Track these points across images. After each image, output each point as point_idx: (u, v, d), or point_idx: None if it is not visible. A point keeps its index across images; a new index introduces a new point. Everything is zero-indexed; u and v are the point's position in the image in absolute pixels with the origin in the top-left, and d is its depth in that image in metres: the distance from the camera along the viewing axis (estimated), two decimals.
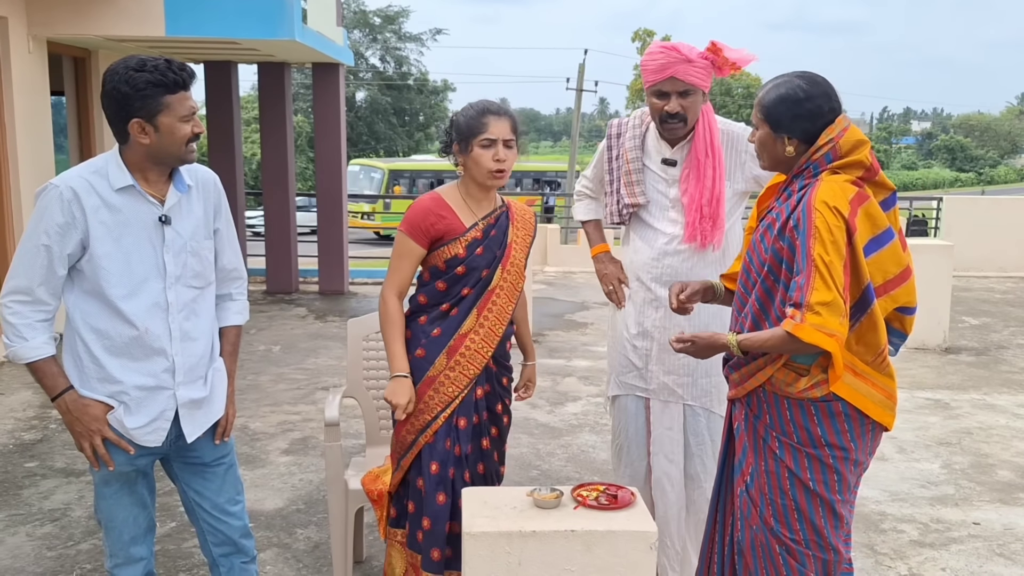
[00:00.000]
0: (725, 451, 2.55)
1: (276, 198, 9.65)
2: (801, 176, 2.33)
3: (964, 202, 12.39)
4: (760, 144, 2.40)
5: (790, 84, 2.32)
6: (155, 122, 2.23)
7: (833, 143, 2.28)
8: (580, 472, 4.60)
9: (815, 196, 2.20)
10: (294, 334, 7.62)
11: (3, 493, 4.18)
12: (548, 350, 7.25)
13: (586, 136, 69.21)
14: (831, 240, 2.15)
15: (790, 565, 2.33)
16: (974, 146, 69.09)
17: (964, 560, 3.69)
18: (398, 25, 41.34)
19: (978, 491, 4.42)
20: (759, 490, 2.36)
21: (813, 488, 2.29)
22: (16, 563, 3.51)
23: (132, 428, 2.33)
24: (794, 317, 2.17)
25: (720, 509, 2.54)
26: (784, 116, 2.30)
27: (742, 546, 2.42)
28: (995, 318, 8.83)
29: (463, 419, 2.76)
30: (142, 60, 2.23)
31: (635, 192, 3.03)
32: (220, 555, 2.60)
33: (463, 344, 2.76)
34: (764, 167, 2.47)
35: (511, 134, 2.70)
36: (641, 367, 3.09)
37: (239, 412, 5.42)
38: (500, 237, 2.79)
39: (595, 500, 2.41)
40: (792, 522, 2.32)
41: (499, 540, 2.26)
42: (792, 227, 2.23)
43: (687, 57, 2.81)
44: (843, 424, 2.27)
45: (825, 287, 2.13)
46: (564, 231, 13.87)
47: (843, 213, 2.18)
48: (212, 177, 2.49)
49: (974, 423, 5.49)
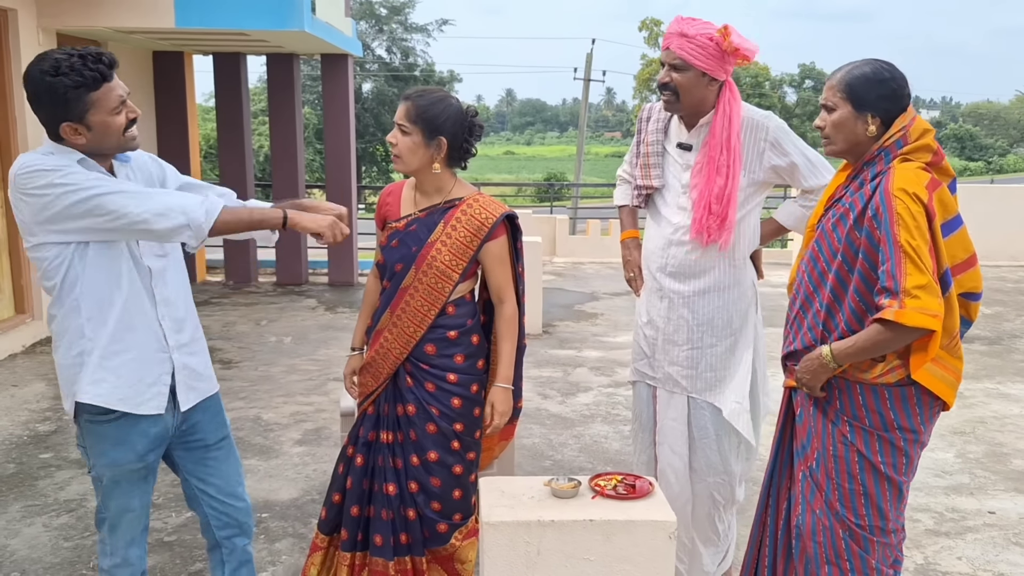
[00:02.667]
0: (780, 436, 2.56)
1: (285, 190, 9.65)
2: (872, 163, 2.33)
3: (976, 191, 12.30)
4: (837, 125, 2.36)
5: (873, 64, 2.33)
6: (86, 122, 2.16)
7: (905, 130, 2.30)
8: (593, 462, 4.59)
9: (892, 183, 2.22)
10: (305, 325, 7.63)
11: (19, 484, 4.20)
12: (558, 341, 7.24)
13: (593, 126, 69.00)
14: (915, 225, 2.17)
15: (852, 551, 2.36)
16: (983, 135, 68.65)
17: (980, 549, 3.68)
18: (404, 16, 41.23)
19: (993, 480, 4.40)
20: (825, 474, 2.38)
21: (884, 471, 2.33)
22: (33, 553, 3.53)
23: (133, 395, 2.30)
24: (892, 305, 2.16)
25: (773, 494, 2.56)
26: (869, 94, 2.30)
27: (802, 530, 2.43)
28: (1008, 307, 8.78)
29: (372, 407, 2.80)
30: (55, 62, 2.12)
31: (651, 175, 3.01)
32: (223, 537, 2.60)
33: (379, 340, 2.75)
34: (835, 151, 2.42)
35: (404, 119, 2.61)
36: (649, 355, 3.08)
37: (252, 404, 5.44)
38: (420, 233, 2.69)
39: (613, 490, 2.41)
40: (859, 507, 2.35)
41: (518, 530, 2.26)
42: (871, 216, 2.24)
43: (683, 31, 2.79)
44: (915, 408, 2.30)
45: (918, 271, 2.15)
46: (573, 221, 13.86)
47: (922, 199, 2.20)
48: (147, 155, 2.46)
49: (988, 412, 5.47)
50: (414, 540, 2.77)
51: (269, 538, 3.69)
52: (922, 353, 2.23)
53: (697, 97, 2.84)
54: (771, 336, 3.12)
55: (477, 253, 2.69)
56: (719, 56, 2.78)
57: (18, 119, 6.56)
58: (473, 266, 2.73)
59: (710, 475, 3.02)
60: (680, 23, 2.82)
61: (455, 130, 2.64)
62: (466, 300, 2.76)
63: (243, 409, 5.35)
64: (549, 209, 16.98)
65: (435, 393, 2.72)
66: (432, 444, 2.72)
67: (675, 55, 2.80)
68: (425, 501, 2.74)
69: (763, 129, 2.89)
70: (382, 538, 2.75)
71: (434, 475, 2.73)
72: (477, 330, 2.79)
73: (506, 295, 2.75)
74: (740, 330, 2.98)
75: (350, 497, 2.80)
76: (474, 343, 2.76)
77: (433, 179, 2.69)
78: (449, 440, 2.72)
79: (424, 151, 2.63)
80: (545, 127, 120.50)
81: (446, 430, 2.71)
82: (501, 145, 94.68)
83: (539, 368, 6.40)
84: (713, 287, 2.93)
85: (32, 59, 2.18)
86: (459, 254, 2.67)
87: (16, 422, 5.08)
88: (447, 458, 2.73)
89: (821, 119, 2.41)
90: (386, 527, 2.75)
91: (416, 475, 2.74)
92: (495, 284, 2.75)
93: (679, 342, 2.98)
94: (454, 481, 2.75)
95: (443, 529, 2.76)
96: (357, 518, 2.79)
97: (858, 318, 2.30)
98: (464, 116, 2.66)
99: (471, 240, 2.67)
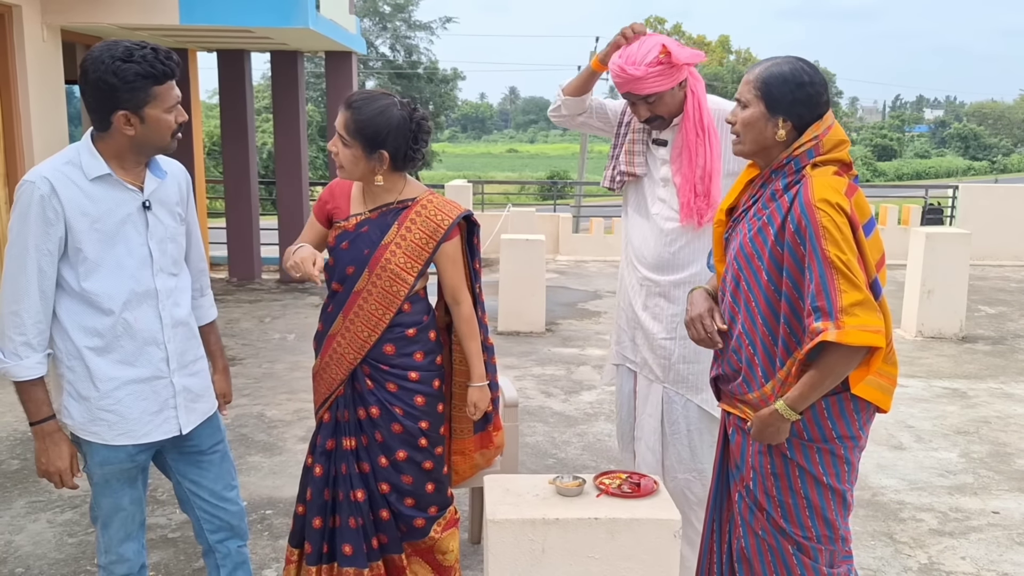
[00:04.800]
0: (721, 459, 2.47)
1: (289, 187, 9.65)
2: (782, 172, 2.21)
3: (980, 190, 12.29)
4: (747, 124, 2.22)
5: (794, 65, 2.19)
6: (141, 114, 2.17)
7: (818, 139, 2.17)
8: (596, 460, 4.60)
9: (812, 194, 2.09)
10: (308, 322, 7.63)
11: (23, 480, 4.21)
12: (562, 339, 7.25)
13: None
14: (842, 238, 2.06)
15: (803, 562, 2.28)
16: (987, 134, 68.55)
17: (983, 549, 3.67)
18: (408, 13, 41.24)
19: (996, 480, 4.40)
20: (765, 493, 2.29)
21: (827, 482, 2.24)
22: (38, 549, 3.54)
23: (138, 427, 2.30)
24: (827, 327, 2.04)
25: (717, 517, 2.48)
26: (784, 96, 2.16)
27: (747, 552, 2.34)
28: (1012, 307, 8.77)
29: (328, 414, 2.75)
30: (128, 49, 2.13)
31: (633, 162, 3.03)
32: (216, 541, 2.58)
33: (332, 346, 2.70)
34: (742, 151, 2.28)
35: (343, 130, 2.54)
36: (631, 339, 3.12)
37: (255, 400, 5.45)
38: (373, 235, 2.63)
39: (618, 488, 2.41)
40: (804, 520, 2.26)
41: (523, 527, 2.26)
42: (793, 231, 2.12)
43: (634, 76, 2.78)
44: (852, 415, 2.22)
45: (852, 287, 2.04)
46: (576, 220, 13.84)
47: (845, 208, 2.09)
48: (181, 167, 2.46)
49: (992, 412, 5.46)
50: (391, 539, 2.75)
51: (273, 535, 3.69)
52: (864, 368, 2.14)
53: (675, 103, 2.90)
54: None
55: (433, 255, 2.66)
56: (675, 67, 2.80)
57: (23, 115, 6.56)
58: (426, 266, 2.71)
59: (680, 471, 3.03)
60: (622, 71, 2.79)
61: (397, 142, 2.55)
62: (420, 296, 2.74)
63: (247, 406, 5.36)
64: (552, 207, 16.97)
65: (397, 393, 2.68)
66: (399, 443, 2.69)
67: (641, 95, 2.83)
68: (398, 499, 2.72)
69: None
70: (352, 547, 2.70)
71: (404, 473, 2.71)
72: (433, 326, 2.77)
73: (461, 295, 2.74)
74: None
75: (311, 509, 2.74)
76: (431, 339, 2.74)
77: (378, 184, 2.64)
78: (416, 438, 2.70)
79: (365, 163, 2.57)
80: (548, 125, 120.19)
81: (412, 429, 2.69)
82: (504, 143, 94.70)
83: (542, 366, 6.41)
84: (691, 279, 2.95)
85: (99, 44, 2.18)
86: (414, 256, 2.63)
87: (20, 418, 5.08)
88: (416, 455, 2.71)
89: (732, 114, 2.27)
90: (355, 535, 2.70)
91: (386, 476, 2.71)
92: (449, 284, 2.73)
93: (656, 331, 3.00)
94: (425, 476, 2.74)
95: (420, 523, 2.75)
96: (320, 530, 2.74)
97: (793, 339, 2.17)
98: (407, 123, 2.56)
99: (426, 242, 2.63)
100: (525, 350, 6.87)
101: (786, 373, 2.19)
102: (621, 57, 2.82)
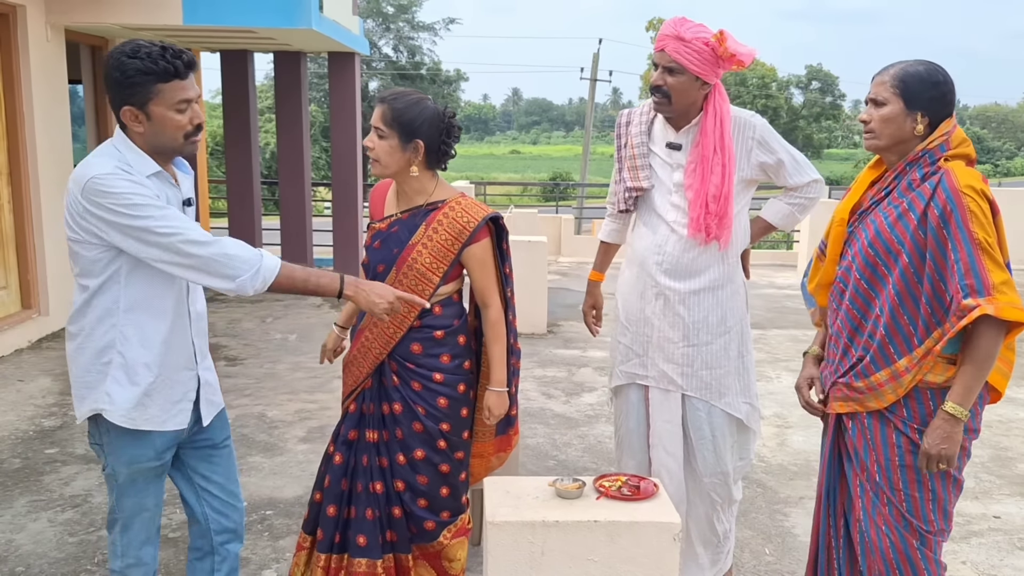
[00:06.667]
0: (830, 453, 2.53)
1: (292, 187, 9.66)
2: (917, 164, 2.32)
3: None
4: (886, 120, 2.34)
5: (928, 65, 2.33)
6: (147, 110, 2.18)
7: (948, 136, 2.32)
8: (597, 462, 4.60)
9: (957, 181, 2.23)
10: (310, 323, 7.64)
11: (24, 479, 4.21)
12: (563, 340, 7.24)
13: (599, 126, 69.02)
14: (987, 222, 2.20)
15: (927, 556, 2.37)
16: (991, 137, 68.46)
17: (985, 553, 3.67)
18: (411, 14, 41.32)
19: (998, 484, 4.39)
20: (891, 486, 2.36)
21: (952, 473, 2.33)
22: (38, 548, 3.54)
23: (162, 415, 2.32)
24: (980, 303, 2.14)
25: (832, 512, 2.54)
26: (921, 93, 2.30)
27: (869, 546, 2.41)
28: None
29: (354, 405, 2.81)
30: (137, 46, 2.16)
31: (639, 176, 3.00)
32: (220, 543, 2.56)
33: (361, 339, 2.77)
34: (877, 146, 2.39)
35: (380, 122, 2.62)
36: (641, 354, 3.07)
37: (257, 401, 5.46)
38: (402, 235, 2.70)
39: (618, 491, 2.41)
40: (928, 513, 2.34)
41: (522, 529, 2.26)
42: (938, 215, 2.23)
43: (679, 34, 2.78)
44: (977, 405, 2.31)
45: (997, 267, 2.17)
46: (578, 221, 13.85)
47: (987, 194, 2.23)
48: (186, 164, 2.47)
49: (993, 416, 5.45)
50: (400, 538, 2.77)
51: (273, 535, 3.69)
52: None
53: (689, 100, 2.86)
54: (775, 337, 3.11)
55: (459, 256, 2.70)
56: (713, 61, 2.79)
57: (27, 115, 6.58)
58: (456, 268, 2.73)
59: (707, 475, 3.02)
60: (676, 25, 2.81)
61: (432, 133, 2.63)
62: (453, 301, 2.78)
63: (248, 406, 5.36)
64: (555, 209, 16.97)
65: (421, 392, 2.72)
66: (418, 442, 2.72)
67: (670, 58, 2.80)
68: (412, 498, 2.74)
69: (750, 127, 2.92)
70: (366, 538, 2.73)
71: (420, 473, 2.73)
72: (464, 331, 2.79)
73: (490, 298, 2.76)
74: (734, 328, 2.98)
75: (327, 496, 2.79)
76: (460, 343, 2.77)
77: (412, 181, 2.69)
78: (435, 439, 2.72)
79: (401, 154, 2.63)
80: (551, 127, 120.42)
81: (432, 429, 2.72)
82: (507, 144, 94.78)
83: (543, 368, 6.41)
84: (708, 286, 2.93)
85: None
86: (440, 257, 2.67)
87: (22, 417, 5.09)
88: (433, 456, 2.73)
89: (867, 113, 2.39)
90: (371, 527, 2.73)
91: (402, 473, 2.74)
92: (478, 287, 2.76)
93: (675, 339, 2.97)
94: (441, 479, 2.76)
95: (431, 526, 2.76)
96: (334, 518, 2.77)
97: (933, 320, 2.26)
98: (441, 118, 2.65)
99: (452, 243, 2.67)
100: (526, 351, 6.86)
101: (924, 351, 2.27)
102: (679, 19, 2.84)
